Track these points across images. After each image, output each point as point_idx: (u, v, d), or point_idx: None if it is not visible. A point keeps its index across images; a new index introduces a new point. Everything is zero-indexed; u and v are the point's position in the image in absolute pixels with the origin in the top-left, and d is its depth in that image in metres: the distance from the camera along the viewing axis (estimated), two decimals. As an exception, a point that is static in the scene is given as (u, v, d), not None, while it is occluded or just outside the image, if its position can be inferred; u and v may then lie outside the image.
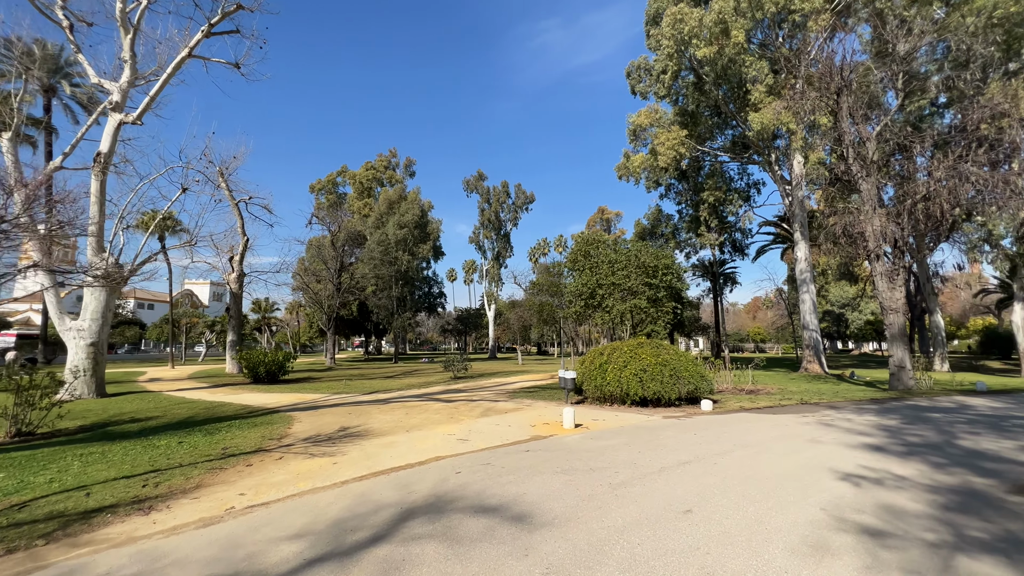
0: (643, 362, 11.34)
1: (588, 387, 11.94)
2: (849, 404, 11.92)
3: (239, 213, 24.75)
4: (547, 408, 11.17)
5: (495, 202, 56.74)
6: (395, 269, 40.89)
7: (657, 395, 10.97)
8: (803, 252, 26.18)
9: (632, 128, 26.50)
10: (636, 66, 29.92)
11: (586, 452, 6.47)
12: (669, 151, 22.59)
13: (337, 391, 15.56)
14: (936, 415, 9.87)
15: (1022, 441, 7.18)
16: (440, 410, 10.87)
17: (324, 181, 63.53)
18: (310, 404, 12.18)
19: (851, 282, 62.88)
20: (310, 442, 7.32)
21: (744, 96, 23.95)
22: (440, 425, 8.81)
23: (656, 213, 38.84)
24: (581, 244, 17.26)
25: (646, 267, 15.31)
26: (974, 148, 13.79)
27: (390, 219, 42.20)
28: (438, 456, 6.31)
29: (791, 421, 9.16)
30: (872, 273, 16.29)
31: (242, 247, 24.95)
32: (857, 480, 5.09)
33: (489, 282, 58.21)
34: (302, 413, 10.55)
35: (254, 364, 19.65)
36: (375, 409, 11.02)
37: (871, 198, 16.29)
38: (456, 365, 21.94)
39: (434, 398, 13.39)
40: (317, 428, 8.58)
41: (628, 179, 30.87)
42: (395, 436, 7.76)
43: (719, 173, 28.89)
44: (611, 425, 8.83)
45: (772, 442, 7.13)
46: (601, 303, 15.73)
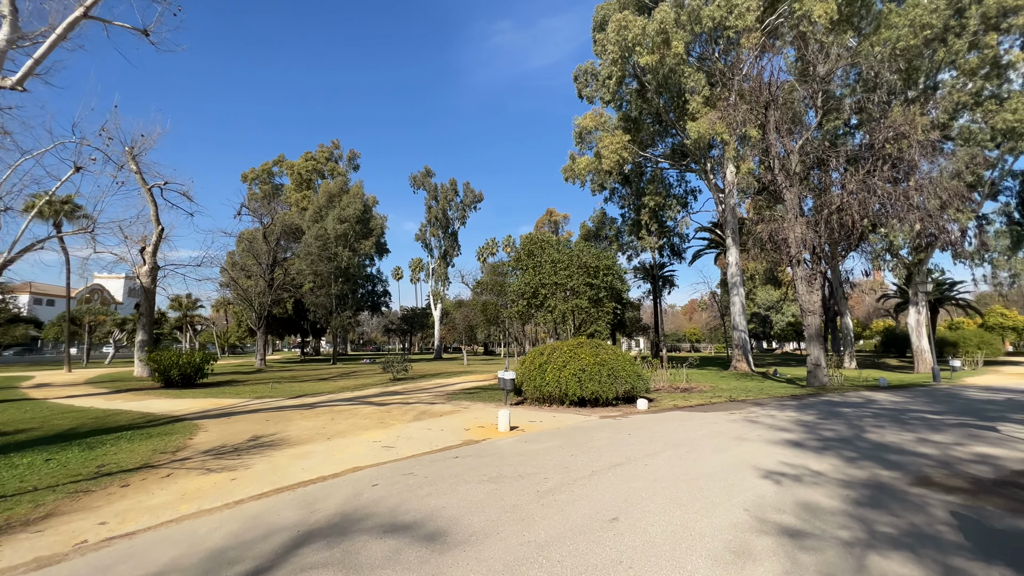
0: (582, 362, 11.29)
1: (528, 388, 11.73)
2: (772, 401, 12.57)
3: (152, 199, 22.35)
4: (485, 410, 10.83)
5: (443, 199, 55.72)
6: (334, 265, 38.93)
7: (595, 395, 10.96)
8: (734, 257, 27.69)
9: (578, 130, 26.85)
10: (583, 70, 30.41)
11: (517, 456, 6.18)
12: (612, 155, 23.07)
13: (260, 395, 14.33)
14: (847, 410, 10.58)
15: (919, 433, 7.76)
16: (371, 414, 10.20)
17: (258, 170, 59.44)
18: (225, 410, 11.04)
19: (775, 286, 68.10)
20: (211, 455, 6.49)
21: (683, 105, 24.96)
22: (367, 431, 8.20)
23: (600, 216, 39.77)
24: (526, 244, 17.11)
25: (588, 267, 15.42)
26: (880, 165, 15.11)
27: (330, 212, 40.12)
28: (356, 467, 5.76)
29: (720, 419, 9.42)
30: (793, 278, 17.41)
31: (155, 237, 22.57)
32: (778, 478, 5.17)
33: (436, 281, 57.04)
34: (212, 421, 9.49)
35: (166, 367, 17.77)
36: (298, 415, 10.15)
37: (793, 207, 17.42)
38: (395, 366, 21.06)
39: (367, 401, 12.64)
40: (224, 438, 7.69)
41: (574, 181, 31.27)
42: (313, 445, 7.08)
43: (660, 179, 30.00)
44: (547, 427, 8.64)
45: (701, 440, 7.21)
46: (544, 303, 15.65)
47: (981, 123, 23.03)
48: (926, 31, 20.88)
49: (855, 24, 23.62)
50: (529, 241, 17.22)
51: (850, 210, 15.35)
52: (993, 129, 22.17)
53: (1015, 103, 20.98)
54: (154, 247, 22.57)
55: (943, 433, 7.75)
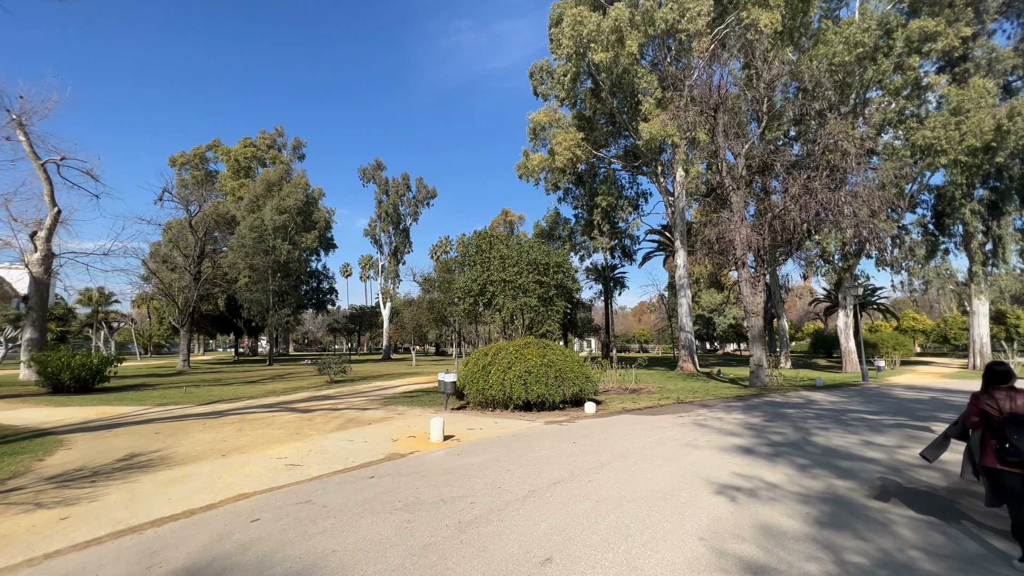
0: (528, 363, 10.60)
1: (470, 391, 10.89)
2: (719, 402, 12.45)
3: (46, 177, 19.48)
4: (421, 417, 9.86)
5: (394, 194, 53.63)
6: (272, 259, 36.22)
7: (541, 398, 10.29)
8: (682, 260, 28.17)
9: (532, 126, 26.34)
10: (539, 67, 29.96)
11: (444, 475, 5.32)
12: (566, 151, 22.70)
13: (166, 402, 12.55)
14: (791, 411, 10.55)
15: (862, 435, 7.65)
16: (288, 423, 8.97)
17: (189, 154, 54.62)
18: (111, 421, 9.38)
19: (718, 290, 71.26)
20: (56, 482, 5.15)
21: (636, 107, 25.05)
22: (275, 445, 7.03)
23: (554, 216, 39.56)
24: (476, 238, 16.25)
25: (538, 265, 14.79)
26: (820, 172, 15.58)
27: (268, 202, 37.31)
28: (242, 494, 4.68)
29: (669, 423, 9.02)
30: (738, 279, 17.68)
31: (50, 220, 19.68)
32: (733, 493, 4.64)
33: (385, 279, 54.82)
34: (86, 435, 7.91)
35: (55, 370, 15.40)
36: (199, 426, 8.74)
37: (739, 210, 17.70)
38: (332, 367, 19.50)
39: (290, 407, 11.30)
40: (89, 458, 6.28)
41: (527, 179, 30.74)
42: (200, 465, 5.87)
43: (612, 180, 30.09)
44: (487, 435, 7.83)
45: (650, 449, 6.67)
46: (492, 301, 14.87)
47: (903, 140, 24.77)
48: (858, 48, 22.04)
49: (795, 40, 24.68)
50: (479, 236, 16.39)
51: (791, 214, 15.71)
52: (913, 146, 23.83)
53: (933, 122, 22.61)
54: (48, 232, 19.66)
55: (884, 435, 7.68)
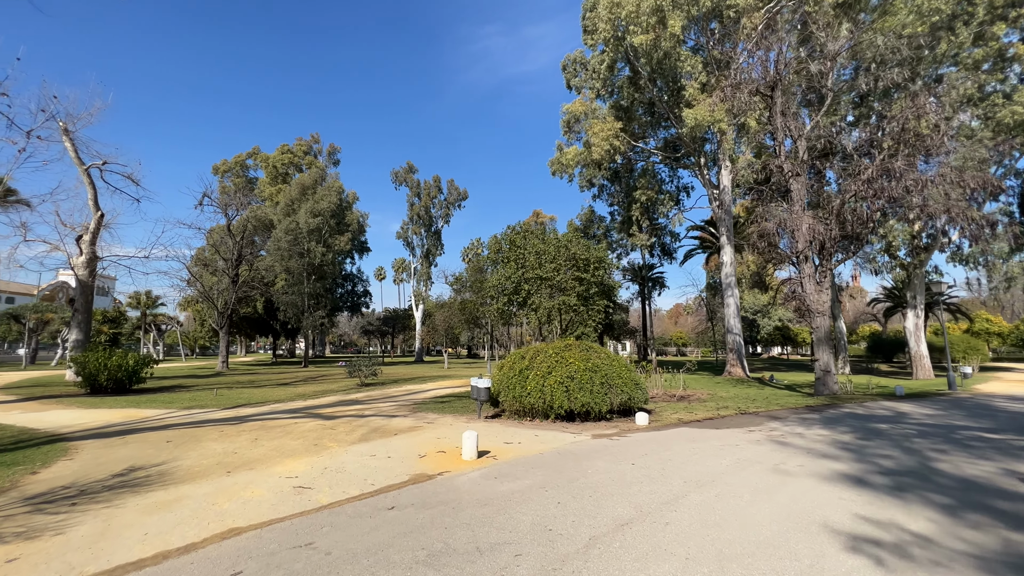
0: (570, 368, 9.47)
1: (506, 398, 9.85)
2: (788, 413, 10.90)
3: (90, 181, 19.92)
4: (452, 426, 8.90)
5: (426, 196, 53.60)
6: (306, 262, 36.52)
7: (586, 407, 9.14)
8: (728, 256, 26.25)
9: (567, 119, 25.16)
10: (572, 60, 28.81)
11: (479, 507, 4.29)
12: (603, 143, 21.40)
13: (193, 405, 12.17)
14: (883, 426, 8.94)
15: (997, 461, 6.10)
16: (308, 433, 8.19)
17: (231, 162, 56.42)
18: (130, 426, 8.91)
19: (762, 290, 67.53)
20: (34, 503, 4.45)
21: (678, 93, 23.48)
22: (288, 459, 6.21)
23: (589, 214, 38.20)
24: (509, 233, 15.24)
25: (577, 260, 13.59)
26: (901, 150, 13.67)
27: (302, 205, 37.72)
28: (233, 529, 3.80)
29: (739, 439, 7.67)
30: (800, 275, 15.88)
31: (94, 224, 20.10)
32: (872, 550, 3.38)
33: (418, 281, 54.81)
34: (96, 442, 7.38)
35: (94, 370, 15.47)
36: (214, 434, 8.09)
37: (800, 198, 15.93)
38: (363, 370, 18.94)
39: (314, 413, 10.60)
40: (84, 472, 5.63)
41: (561, 175, 29.60)
42: (198, 484, 5.08)
43: (652, 174, 28.46)
44: (527, 451, 6.76)
45: (730, 475, 5.42)
46: (527, 300, 13.82)
47: (982, 119, 22.04)
48: (933, 17, 19.70)
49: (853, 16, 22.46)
50: (513, 231, 15.36)
51: (867, 200, 13.88)
52: (998, 124, 21.17)
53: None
54: (92, 235, 20.09)
55: (1027, 461, 6.11)
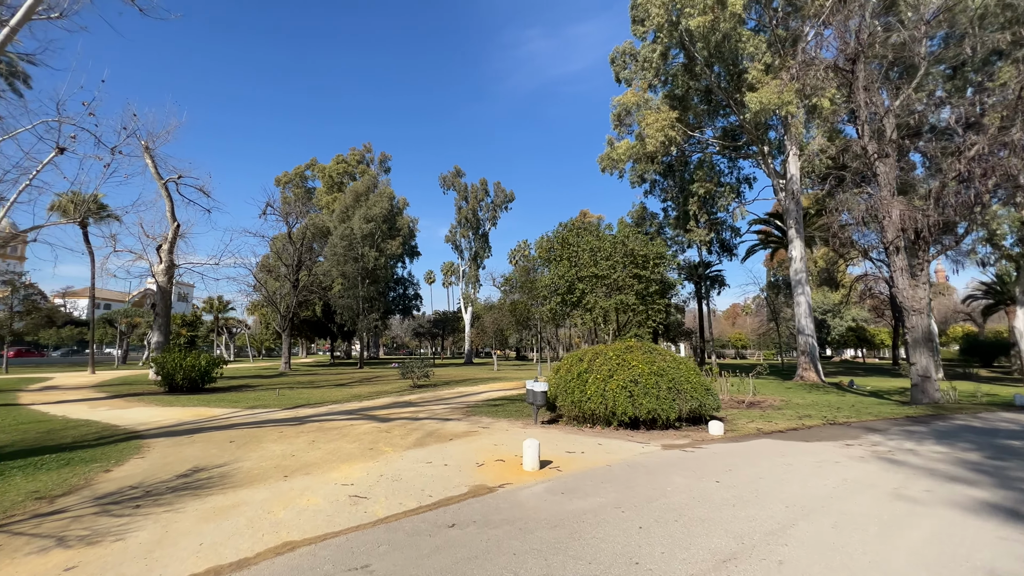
0: (634, 371, 8.78)
1: (563, 403, 9.31)
2: (889, 424, 9.57)
3: (167, 194, 21.45)
4: (508, 432, 8.48)
5: (473, 199, 54.06)
6: (360, 266, 37.71)
7: (652, 415, 8.41)
8: (798, 251, 24.19)
9: (617, 112, 24.21)
10: (621, 52, 27.79)
11: (550, 529, 3.80)
12: (658, 134, 20.31)
13: (257, 405, 12.57)
14: (1016, 443, 7.55)
15: None
16: (364, 435, 8.06)
17: (291, 174, 59.72)
18: (199, 425, 9.21)
19: (832, 288, 62.33)
20: (102, 504, 4.46)
21: (738, 78, 21.94)
22: (344, 464, 6.02)
23: (640, 211, 36.81)
24: (560, 231, 14.67)
25: (635, 256, 12.78)
26: (1020, 119, 11.78)
27: (356, 212, 39.03)
28: (287, 543, 3.55)
29: (837, 454, 6.69)
30: (892, 269, 14.16)
31: (171, 234, 21.61)
32: (1080, 617, 2.55)
33: (466, 283, 55.33)
34: (167, 441, 7.60)
35: (171, 370, 16.49)
36: (274, 434, 8.14)
37: (889, 182, 14.21)
38: (416, 372, 19.04)
39: (370, 415, 10.56)
40: (152, 472, 5.70)
41: (611, 171, 28.61)
42: (256, 489, 4.95)
43: (710, 165, 26.80)
44: (592, 462, 6.20)
45: (840, 500, 4.59)
46: (581, 300, 13.18)
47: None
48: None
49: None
50: (565, 228, 14.77)
51: (974, 180, 12.09)
52: None
53: None
54: (170, 244, 21.62)
55: None
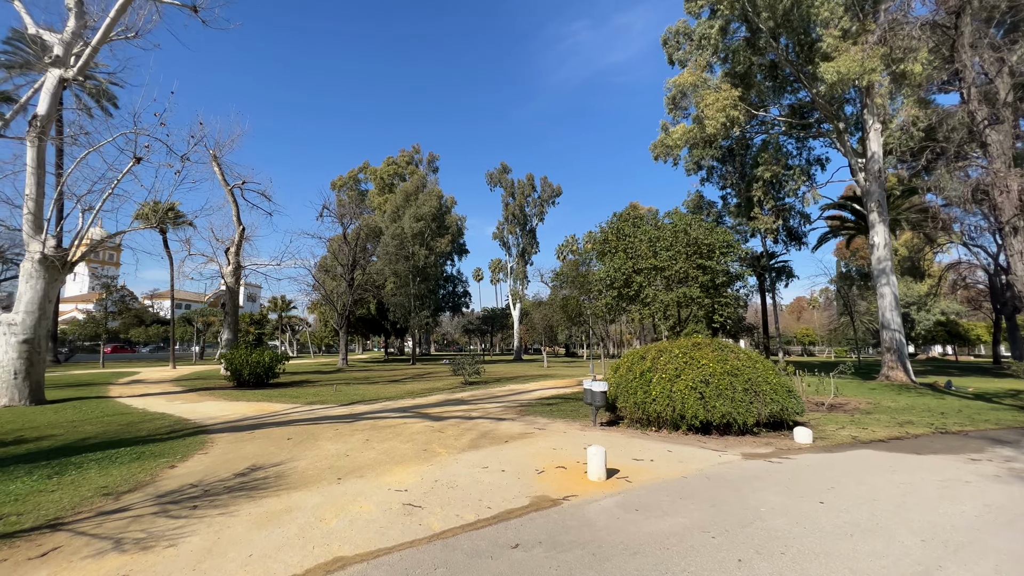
0: (704, 370, 7.98)
1: (625, 404, 8.65)
2: (1018, 435, 8.11)
3: (233, 199, 22.68)
4: (566, 435, 7.96)
5: (520, 195, 53.71)
6: (411, 264, 38.43)
7: (727, 419, 7.59)
8: (881, 236, 21.78)
9: (672, 94, 22.84)
10: (674, 31, 26.26)
11: (629, 556, 3.26)
12: (718, 115, 18.86)
13: (315, 400, 12.84)
14: None
15: None
16: (418, 435, 7.84)
17: (345, 178, 62.18)
18: (260, 420, 9.42)
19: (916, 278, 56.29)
20: (162, 503, 4.42)
21: (810, 48, 19.95)
22: (398, 467, 5.76)
23: (697, 199, 34.85)
24: (614, 222, 13.86)
25: (699, 245, 11.75)
26: None
27: (406, 211, 39.83)
28: (338, 559, 3.25)
29: (964, 471, 5.62)
30: (1007, 254, 12.22)
31: (238, 237, 22.86)
32: None
33: (514, 280, 55.14)
34: (230, 436, 7.75)
35: (238, 366, 17.35)
36: (330, 432, 8.10)
37: (1003, 152, 12.25)
38: (467, 368, 18.92)
39: (422, 413, 10.40)
40: (215, 468, 5.71)
41: (665, 158, 27.20)
42: (309, 492, 4.76)
43: (776, 147, 24.68)
44: (664, 472, 5.55)
45: (993, 534, 3.70)
46: (639, 293, 12.35)
47: None
48: None
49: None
50: (620, 218, 13.95)
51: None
52: None
53: None
54: (237, 247, 22.88)
55: None
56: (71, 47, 12.68)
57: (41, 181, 12.30)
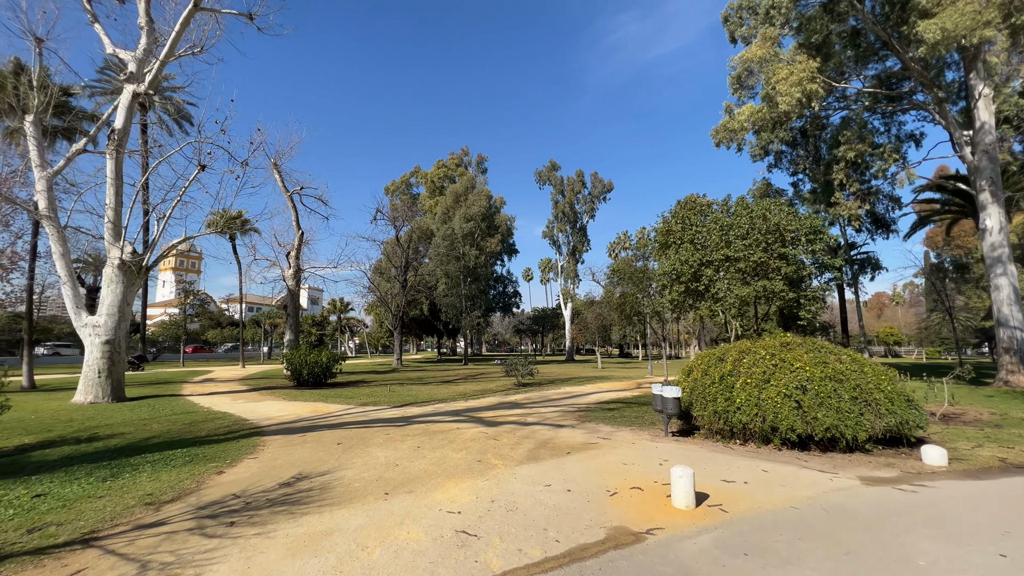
0: (799, 375, 6.81)
1: (702, 412, 7.61)
2: None
3: (292, 205, 23.51)
4: (635, 446, 7.07)
5: (569, 192, 52.56)
6: (462, 265, 38.52)
7: (832, 432, 6.39)
8: (995, 219, 18.77)
9: (737, 72, 20.98)
10: (736, 7, 24.21)
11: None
12: (794, 89, 16.94)
13: (368, 401, 12.71)
14: None
15: None
16: (471, 442, 7.27)
17: (398, 182, 63.81)
18: (313, 423, 9.28)
19: (1027, 268, 49.10)
20: (199, 517, 4.09)
21: (903, 6, 17.50)
22: (450, 481, 5.18)
23: (763, 187, 32.22)
24: (679, 210, 12.65)
25: (781, 232, 10.30)
26: None
27: (456, 212, 40.01)
28: (378, 607, 2.66)
29: None
30: None
31: (297, 241, 23.67)
32: None
33: (565, 279, 54.03)
34: (282, 440, 7.57)
35: (298, 366, 17.80)
36: (381, 437, 7.72)
37: None
38: (519, 369, 18.31)
39: (476, 417, 9.86)
40: (262, 475, 5.41)
41: (728, 144, 25.21)
42: (353, 510, 4.26)
43: (860, 122, 22.05)
44: (767, 499, 4.57)
45: None
46: (709, 288, 11.11)
47: None
48: None
49: None
50: (684, 206, 12.72)
51: None
52: None
53: None
54: (296, 250, 23.69)
55: None
56: (143, 64, 13.41)
57: (119, 191, 13.06)
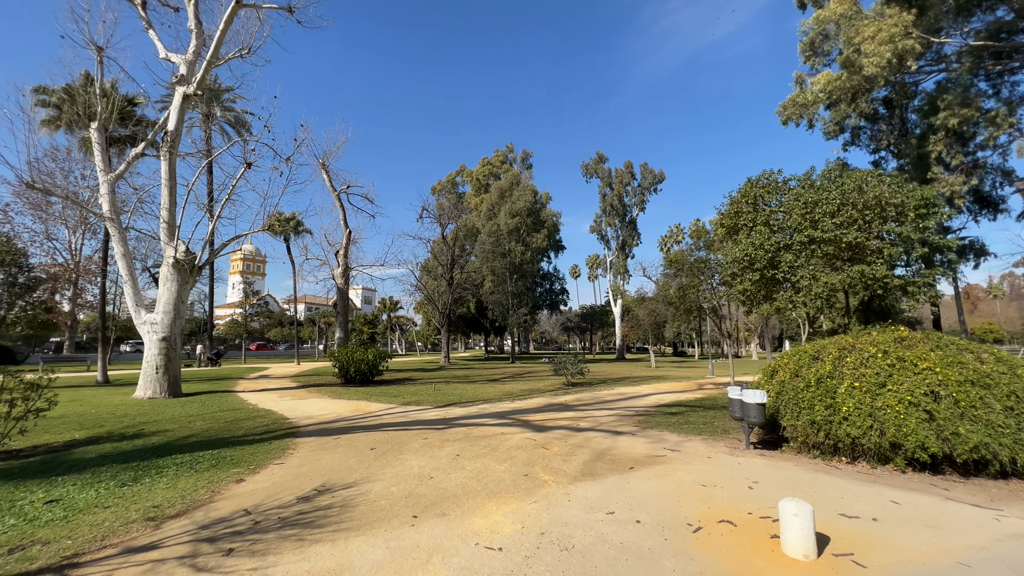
0: (927, 377, 5.39)
1: (794, 421, 6.29)
2: None
3: (340, 204, 23.75)
4: (712, 460, 5.91)
5: (618, 184, 50.64)
6: (508, 261, 37.84)
7: (983, 453, 4.94)
8: None
9: (811, 37, 18.74)
10: (805, -33, 21.79)
11: None
12: (884, 48, 14.67)
13: (411, 401, 12.21)
14: None
15: None
16: (517, 450, 6.41)
17: (444, 182, 64.30)
18: (350, 423, 8.79)
19: None
20: (195, 543, 3.49)
21: (1023, -60, 14.73)
22: (491, 501, 4.34)
23: (839, 168, 28.98)
24: (749, 188, 11.08)
25: (883, 207, 8.52)
26: None
27: (501, 208, 39.40)
28: None
29: None
30: None
31: (345, 240, 23.90)
32: None
33: (614, 275, 52.11)
34: (314, 441, 7.07)
35: (344, 364, 17.77)
36: (417, 441, 7.03)
37: None
38: (569, 368, 17.29)
39: (523, 420, 9.00)
40: (282, 486, 4.83)
41: (798, 120, 22.93)
42: (373, 538, 3.51)
43: (964, 83, 19.02)
44: (914, 549, 3.35)
45: None
46: (789, 276, 9.55)
47: None
48: None
49: None
50: (754, 184, 11.13)
51: None
52: None
53: None
54: (344, 249, 23.94)
55: None
56: (193, 66, 13.66)
57: (173, 192, 13.37)
